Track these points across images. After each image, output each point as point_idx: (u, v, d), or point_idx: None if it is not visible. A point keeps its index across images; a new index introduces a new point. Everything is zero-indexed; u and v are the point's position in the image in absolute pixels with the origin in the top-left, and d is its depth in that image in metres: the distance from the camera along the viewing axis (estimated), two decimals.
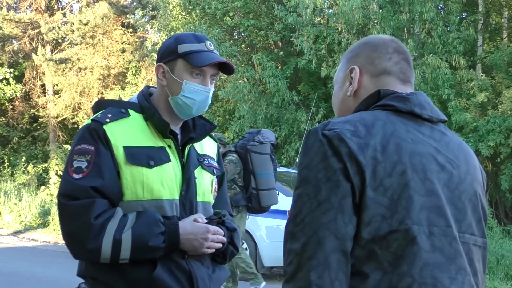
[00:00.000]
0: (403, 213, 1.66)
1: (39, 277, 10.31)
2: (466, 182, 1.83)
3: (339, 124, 1.74)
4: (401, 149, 1.72)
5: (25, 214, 20.02)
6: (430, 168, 1.74)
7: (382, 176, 1.67)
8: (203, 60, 2.58)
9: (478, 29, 17.28)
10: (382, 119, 1.78)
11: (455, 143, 1.89)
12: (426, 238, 1.67)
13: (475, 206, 1.85)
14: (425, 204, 1.69)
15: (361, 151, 1.67)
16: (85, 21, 26.22)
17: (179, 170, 2.61)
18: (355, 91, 1.98)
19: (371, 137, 1.71)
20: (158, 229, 2.44)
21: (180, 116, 2.67)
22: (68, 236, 2.45)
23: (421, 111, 1.85)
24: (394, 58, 1.97)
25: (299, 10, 16.64)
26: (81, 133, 2.52)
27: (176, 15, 21.19)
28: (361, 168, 1.66)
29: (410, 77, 1.99)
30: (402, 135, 1.76)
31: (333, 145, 1.69)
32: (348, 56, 2.06)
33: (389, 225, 1.65)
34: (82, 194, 2.40)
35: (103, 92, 26.62)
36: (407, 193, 1.67)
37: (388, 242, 1.65)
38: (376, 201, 1.65)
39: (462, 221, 1.78)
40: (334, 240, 1.62)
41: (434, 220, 1.70)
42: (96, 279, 2.53)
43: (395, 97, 1.86)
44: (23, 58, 28.40)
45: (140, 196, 2.48)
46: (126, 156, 2.48)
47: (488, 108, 14.95)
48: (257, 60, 17.81)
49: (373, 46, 2.01)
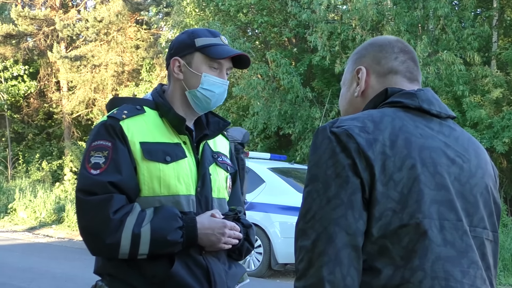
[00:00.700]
0: (414, 207, 1.66)
1: (53, 273, 10.36)
2: (477, 176, 1.83)
3: (347, 121, 1.75)
4: (410, 143, 1.72)
5: (40, 211, 20.11)
6: (440, 162, 1.75)
7: (392, 170, 1.67)
8: (222, 53, 2.61)
9: (493, 25, 17.16)
10: (390, 115, 1.78)
11: (464, 137, 1.89)
12: (437, 232, 1.67)
13: (487, 200, 1.84)
14: (435, 198, 1.69)
15: (369, 146, 1.68)
16: (100, 18, 26.29)
17: (194, 166, 2.61)
18: (362, 92, 1.98)
19: (380, 132, 1.71)
20: (177, 223, 2.45)
21: (197, 110, 2.67)
22: (86, 232, 2.46)
23: (429, 106, 1.85)
24: (401, 58, 1.97)
25: (313, 6, 16.60)
26: (98, 129, 2.53)
27: (190, 12, 21.19)
28: (370, 163, 1.66)
29: (417, 76, 1.99)
30: (411, 130, 1.76)
31: (342, 141, 1.69)
32: (354, 58, 2.06)
33: (400, 219, 1.65)
34: (100, 189, 2.41)
35: (117, 89, 26.69)
36: (418, 187, 1.68)
37: (400, 237, 1.65)
38: (387, 195, 1.65)
39: (474, 215, 1.78)
40: (345, 235, 1.63)
41: (445, 214, 1.70)
42: (114, 276, 2.53)
43: (403, 94, 1.87)
44: (38, 55, 28.52)
45: (157, 191, 2.49)
46: (143, 152, 2.49)
47: (503, 105, 14.87)
48: (271, 57, 17.79)
49: (378, 46, 2.01)
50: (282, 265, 10.91)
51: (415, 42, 14.68)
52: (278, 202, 10.89)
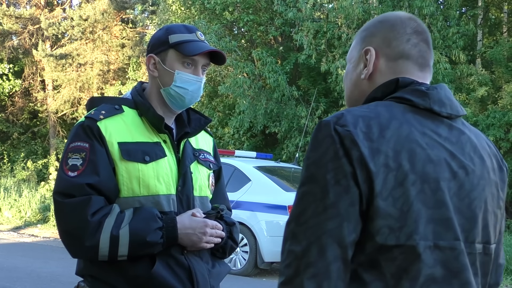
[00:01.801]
0: (412, 227, 1.57)
1: (39, 272, 10.31)
2: (478, 188, 1.72)
3: (352, 120, 1.62)
4: (415, 156, 1.61)
5: (25, 210, 20.04)
6: (442, 176, 1.64)
7: (392, 185, 1.57)
8: (194, 50, 2.57)
9: (478, 24, 17.26)
10: (398, 118, 1.65)
11: (472, 143, 1.77)
12: (430, 253, 1.59)
13: (485, 212, 1.74)
14: (433, 217, 1.60)
15: (372, 158, 1.57)
16: (85, 16, 26.22)
17: (174, 165, 2.60)
18: (370, 74, 1.84)
19: (384, 141, 1.60)
20: (156, 224, 2.43)
21: (173, 107, 2.65)
22: (65, 234, 2.44)
23: (440, 108, 1.72)
24: (413, 40, 1.83)
25: (299, 5, 16.63)
26: (75, 131, 2.51)
27: (175, 10, 21.17)
28: (371, 177, 1.56)
29: (429, 60, 1.85)
30: (417, 138, 1.64)
31: (345, 145, 1.58)
32: (363, 35, 1.91)
33: (397, 238, 1.57)
34: (78, 191, 2.38)
35: (103, 88, 26.62)
36: (417, 205, 1.58)
37: (393, 255, 1.58)
38: (385, 212, 1.56)
39: (470, 231, 1.69)
40: (337, 248, 1.55)
41: (441, 234, 1.61)
42: (95, 277, 2.52)
43: (414, 90, 1.73)
44: (22, 53, 28.40)
45: (136, 192, 2.47)
46: (121, 152, 2.47)
47: (488, 103, 14.96)
48: (256, 56, 17.80)
49: (390, 25, 1.85)
50: (268, 264, 10.90)
51: None
52: (264, 201, 10.88)
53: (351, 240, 1.57)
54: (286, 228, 1.64)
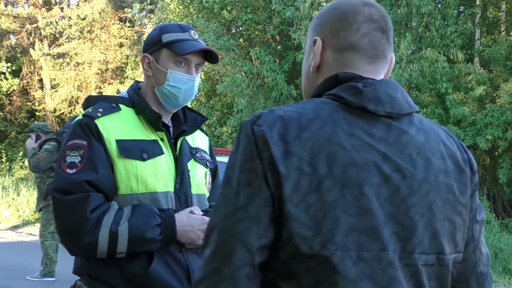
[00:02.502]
0: (327, 236, 1.44)
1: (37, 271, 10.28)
2: (419, 193, 1.55)
3: (270, 120, 1.52)
4: (335, 159, 1.47)
5: (23, 209, 20.01)
6: (368, 181, 1.49)
7: (306, 190, 1.44)
8: (186, 48, 2.58)
9: (476, 23, 17.27)
10: (322, 118, 1.52)
11: (416, 143, 1.59)
12: (352, 265, 1.45)
13: (431, 220, 1.56)
14: (355, 226, 1.46)
15: (283, 160, 1.46)
16: (83, 15, 26.20)
17: (172, 163, 2.60)
18: (318, 67, 1.71)
19: (300, 143, 1.48)
20: (155, 221, 2.43)
21: (167, 106, 2.66)
22: (64, 232, 2.44)
23: (376, 107, 1.56)
24: (363, 29, 1.66)
25: (297, 4, 16.60)
26: (73, 129, 2.51)
27: (173, 9, 21.15)
28: (280, 180, 1.45)
29: (383, 50, 1.69)
30: (341, 140, 1.49)
31: (258, 146, 1.48)
32: (315, 23, 1.77)
33: (310, 248, 1.44)
34: (76, 188, 2.39)
35: (101, 87, 26.60)
36: (334, 213, 1.44)
37: (309, 265, 1.45)
38: (297, 218, 1.44)
39: (409, 240, 1.52)
40: (245, 253, 1.45)
41: (365, 244, 1.46)
42: (92, 275, 2.52)
43: (350, 87, 1.59)
44: (20, 53, 28.38)
45: (134, 189, 2.47)
46: (119, 150, 2.47)
47: (486, 102, 14.95)
48: (255, 55, 17.77)
49: (340, 13, 1.69)
50: None
51: (399, 39, 14.72)
52: None
53: (261, 245, 1.46)
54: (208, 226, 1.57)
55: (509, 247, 11.60)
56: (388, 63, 1.73)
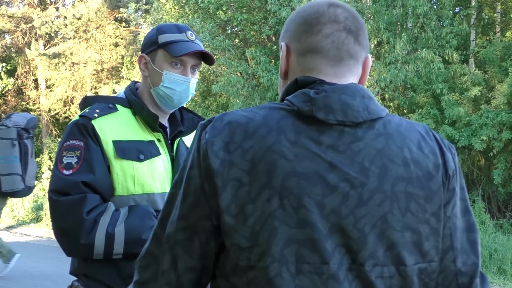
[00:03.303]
0: (263, 247, 1.40)
1: (32, 272, 10.28)
2: (370, 203, 1.47)
3: (219, 126, 1.50)
4: (275, 169, 1.42)
5: (18, 209, 19.98)
6: (310, 192, 1.42)
7: (244, 201, 1.42)
8: (182, 50, 2.58)
9: (471, 24, 17.29)
10: (268, 126, 1.47)
11: (371, 150, 1.51)
12: (291, 278, 1.40)
13: (384, 231, 1.47)
14: (294, 237, 1.41)
15: (220, 171, 1.44)
16: (78, 15, 26.14)
17: (169, 163, 2.61)
18: (285, 73, 1.67)
19: (241, 152, 1.44)
20: (151, 222, 2.43)
21: (163, 107, 2.67)
22: (60, 233, 2.44)
23: (327, 116, 1.48)
24: (326, 30, 1.59)
25: (293, 4, 16.59)
26: (70, 129, 2.52)
27: (169, 9, 21.13)
28: (217, 192, 1.44)
29: (349, 51, 1.61)
30: (283, 149, 1.44)
31: (200, 155, 1.47)
32: (283, 30, 1.72)
33: (248, 259, 1.42)
34: (73, 189, 2.39)
35: (96, 87, 26.57)
36: (271, 224, 1.40)
37: (248, 278, 1.43)
38: (235, 229, 1.42)
39: (359, 252, 1.45)
40: (189, 260, 1.49)
41: (305, 257, 1.41)
42: (89, 276, 2.52)
43: (302, 93, 1.53)
44: (15, 52, 28.32)
45: (131, 190, 2.48)
46: (116, 151, 2.48)
47: (481, 103, 14.97)
48: (250, 55, 17.77)
49: (303, 17, 1.64)
50: None
51: (394, 40, 14.75)
52: None
53: (205, 252, 1.49)
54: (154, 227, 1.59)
55: (504, 247, 11.61)
56: (360, 65, 1.65)
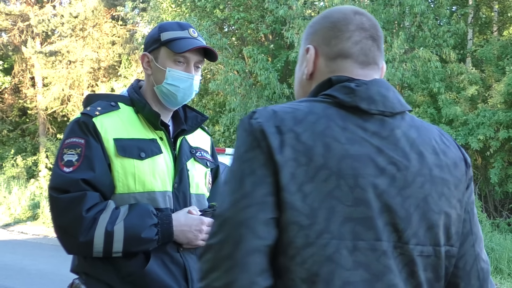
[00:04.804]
0: (322, 225, 1.48)
1: (28, 270, 10.28)
2: (414, 185, 1.60)
3: (266, 114, 1.58)
4: (330, 151, 1.52)
5: (15, 207, 19.98)
6: (363, 173, 1.54)
7: (302, 180, 1.49)
8: (184, 46, 2.58)
9: (468, 23, 17.31)
10: (316, 113, 1.58)
11: (410, 138, 1.65)
12: (348, 255, 1.49)
13: (426, 212, 1.61)
14: (351, 216, 1.51)
15: (280, 150, 1.51)
16: (75, 13, 26.11)
17: (171, 162, 2.60)
18: (311, 74, 1.77)
19: (294, 135, 1.53)
20: (151, 220, 2.43)
21: (166, 105, 2.66)
22: (60, 230, 2.44)
23: (369, 106, 1.61)
24: (355, 37, 1.72)
25: (290, 2, 16.60)
26: (71, 127, 2.52)
27: (166, 8, 21.11)
28: (277, 169, 1.50)
29: (375, 57, 1.75)
30: (336, 133, 1.55)
31: (257, 137, 1.54)
32: (307, 32, 1.82)
33: (306, 236, 1.48)
34: (73, 187, 2.38)
35: (93, 85, 26.55)
36: (329, 202, 1.49)
37: (303, 257, 1.48)
38: (294, 207, 1.48)
39: (404, 231, 1.57)
40: (254, 239, 1.47)
41: (360, 234, 1.51)
42: (89, 274, 2.52)
43: (342, 87, 1.64)
44: (12, 50, 28.28)
45: (132, 188, 2.47)
46: (117, 148, 2.47)
47: (478, 102, 14.98)
48: (247, 53, 17.77)
49: (331, 22, 1.76)
50: None
51: (392, 39, 14.74)
52: None
53: (270, 231, 1.49)
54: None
55: (501, 246, 11.63)
56: (380, 71, 1.78)
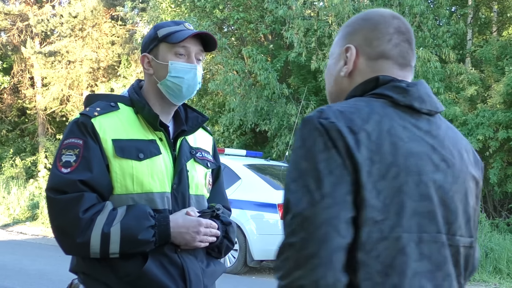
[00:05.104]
0: (394, 220, 1.58)
1: (27, 270, 10.27)
2: (459, 181, 1.75)
3: (334, 113, 1.62)
4: (397, 149, 1.62)
5: (14, 208, 19.98)
6: (425, 170, 1.66)
7: (376, 178, 1.57)
8: (182, 35, 2.58)
9: (468, 23, 17.32)
10: (378, 112, 1.66)
11: (450, 137, 1.79)
12: (415, 246, 1.61)
13: (466, 206, 1.77)
14: (417, 210, 1.62)
15: (357, 149, 1.57)
16: (75, 13, 26.13)
17: (170, 163, 2.59)
18: (349, 72, 1.85)
19: (366, 134, 1.60)
20: (148, 222, 2.42)
21: (172, 100, 2.65)
22: (57, 231, 2.44)
23: (421, 105, 1.74)
24: (395, 40, 1.82)
25: (289, 2, 16.61)
26: (70, 127, 2.51)
27: (165, 8, 21.11)
28: (357, 167, 1.56)
29: (410, 60, 1.86)
30: (399, 132, 1.65)
31: (332, 137, 1.57)
32: (345, 31, 1.90)
33: (380, 231, 1.57)
34: (70, 188, 2.38)
35: (92, 85, 26.55)
36: (399, 198, 1.59)
37: (378, 250, 1.57)
38: (370, 203, 1.56)
39: (453, 223, 1.71)
40: (338, 237, 1.52)
41: (425, 227, 1.63)
42: (88, 274, 2.52)
43: (394, 87, 1.74)
44: (11, 50, 28.29)
45: (130, 189, 2.47)
46: (115, 149, 2.47)
47: (477, 102, 15.00)
48: (247, 53, 17.77)
49: (372, 24, 1.85)
50: (257, 262, 10.88)
51: None
52: (254, 199, 10.88)
53: (350, 230, 1.55)
54: (282, 223, 1.61)
55: (500, 246, 11.65)
56: (413, 71, 1.91)
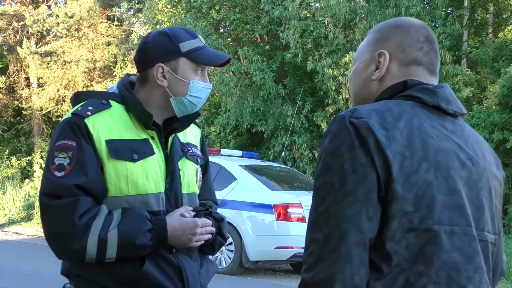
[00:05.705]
0: (425, 212, 1.66)
1: (23, 270, 10.25)
2: (483, 179, 1.82)
3: (366, 112, 1.71)
4: (427, 145, 1.70)
5: (9, 208, 19.93)
6: (453, 166, 1.73)
7: (408, 172, 1.65)
8: (210, 59, 2.52)
9: (464, 24, 17.35)
10: (408, 112, 1.75)
11: (473, 138, 1.87)
12: (446, 238, 1.67)
13: (490, 203, 1.84)
14: (447, 203, 1.69)
15: (388, 145, 1.65)
16: (71, 13, 26.11)
17: (163, 162, 2.53)
18: (381, 77, 1.91)
19: (398, 131, 1.69)
20: (145, 226, 2.37)
21: (179, 114, 2.57)
22: (51, 237, 2.38)
23: (447, 106, 1.82)
24: (425, 48, 1.91)
25: (286, 3, 16.62)
26: (62, 128, 2.42)
27: (162, 8, 21.11)
28: (388, 162, 1.64)
29: (436, 68, 1.95)
30: (428, 130, 1.74)
31: (361, 135, 1.66)
32: (377, 37, 1.97)
33: (410, 222, 1.64)
34: (65, 192, 2.31)
35: (88, 86, 26.50)
36: (431, 191, 1.67)
37: (408, 240, 1.65)
38: (403, 196, 1.64)
39: (480, 219, 1.78)
40: (357, 234, 1.62)
41: (455, 220, 1.70)
42: (81, 276, 2.45)
43: (422, 89, 1.82)
44: (7, 50, 28.24)
45: (124, 191, 2.41)
46: (109, 151, 2.40)
47: (473, 103, 15.03)
48: (243, 54, 17.77)
49: (405, 31, 1.92)
50: (253, 263, 10.87)
51: None
52: (249, 200, 10.88)
53: (371, 226, 1.63)
54: (308, 219, 1.73)
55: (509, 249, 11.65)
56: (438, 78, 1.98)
